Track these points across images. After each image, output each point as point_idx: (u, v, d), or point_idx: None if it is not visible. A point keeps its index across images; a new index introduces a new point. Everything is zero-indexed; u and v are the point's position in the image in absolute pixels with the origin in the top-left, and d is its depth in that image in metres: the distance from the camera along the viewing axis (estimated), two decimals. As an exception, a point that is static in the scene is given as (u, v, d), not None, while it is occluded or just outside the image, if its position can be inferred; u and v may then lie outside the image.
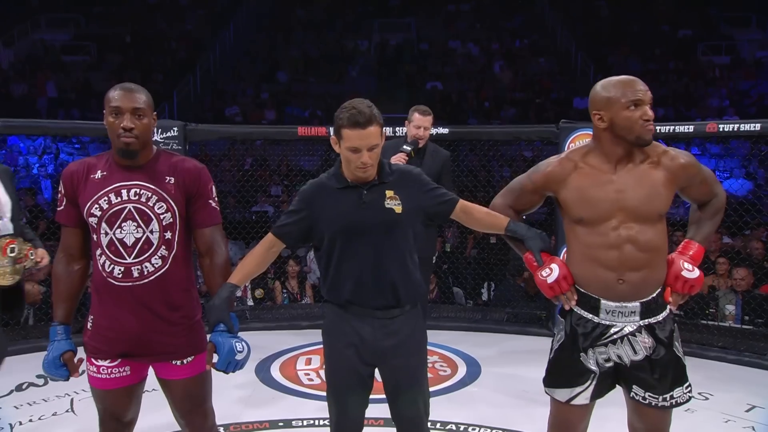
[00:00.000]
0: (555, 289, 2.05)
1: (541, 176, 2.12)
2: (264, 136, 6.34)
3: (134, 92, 1.98)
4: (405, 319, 2.13)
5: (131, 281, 1.98)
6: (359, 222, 2.06)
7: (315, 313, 5.42)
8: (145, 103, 1.99)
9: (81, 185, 2.01)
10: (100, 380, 2.04)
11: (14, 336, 4.76)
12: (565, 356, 2.09)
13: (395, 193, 2.08)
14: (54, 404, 3.62)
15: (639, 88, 1.98)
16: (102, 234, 1.98)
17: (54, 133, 5.02)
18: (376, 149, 2.02)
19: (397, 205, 2.07)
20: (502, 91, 14.00)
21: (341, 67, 15.14)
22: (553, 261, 2.08)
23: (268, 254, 2.17)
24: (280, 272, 5.93)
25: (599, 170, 2.03)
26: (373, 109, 2.00)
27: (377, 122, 2.00)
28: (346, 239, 2.07)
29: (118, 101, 1.96)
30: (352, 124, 1.97)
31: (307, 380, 4.08)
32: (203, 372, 2.12)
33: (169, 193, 2.01)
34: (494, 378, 4.10)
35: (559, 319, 2.15)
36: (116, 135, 1.96)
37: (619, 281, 1.99)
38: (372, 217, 2.06)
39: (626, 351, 2.02)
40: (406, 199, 2.09)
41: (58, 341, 2.03)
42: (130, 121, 1.95)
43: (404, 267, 2.10)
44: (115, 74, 12.59)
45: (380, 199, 2.07)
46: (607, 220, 1.99)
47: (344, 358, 2.12)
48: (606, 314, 2.02)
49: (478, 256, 6.10)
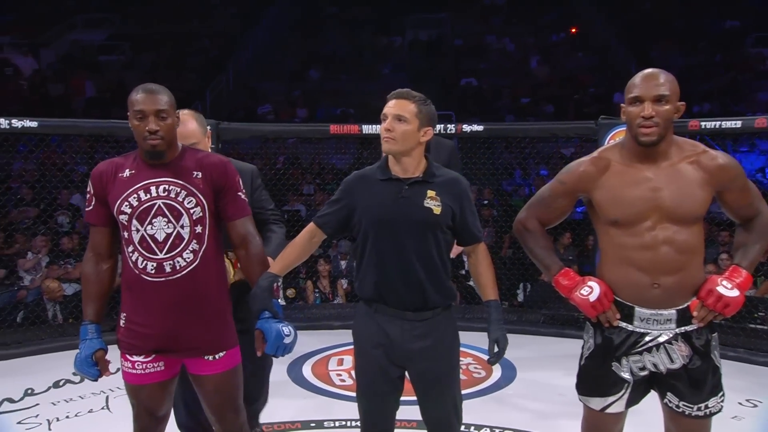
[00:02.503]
0: (597, 308, 1.98)
1: (574, 176, 2.07)
2: (296, 135, 6.41)
3: (156, 94, 2.02)
4: (435, 322, 2.12)
5: (164, 276, 2.02)
6: (394, 215, 2.07)
7: (347, 314, 5.45)
8: (168, 104, 2.03)
9: (110, 184, 2.06)
10: (134, 375, 2.09)
11: (51, 333, 4.92)
12: (595, 365, 2.05)
13: (437, 194, 2.09)
14: (90, 401, 3.73)
15: (643, 82, 1.91)
16: (133, 231, 2.02)
17: (89, 133, 5.14)
18: (403, 124, 2.06)
19: (437, 206, 2.08)
20: (539, 87, 13.82)
21: (373, 64, 15.15)
22: (589, 279, 2.02)
23: (310, 244, 2.20)
24: (311, 272, 5.98)
25: (634, 168, 1.98)
26: (414, 93, 2.12)
27: (413, 101, 2.09)
28: (378, 231, 2.09)
29: (141, 104, 2.00)
30: (390, 95, 2.13)
31: (339, 381, 4.11)
32: (234, 367, 2.16)
33: (197, 188, 2.06)
34: (529, 382, 4.06)
35: (588, 326, 2.10)
36: (142, 138, 2.02)
37: (653, 286, 1.94)
38: (408, 212, 2.07)
39: (662, 359, 1.97)
40: (447, 204, 2.10)
41: (89, 340, 2.08)
42: (154, 124, 1.99)
43: (434, 269, 2.10)
44: (148, 73, 12.86)
45: (420, 196, 2.09)
46: (642, 221, 1.94)
47: (373, 359, 2.13)
48: (640, 322, 1.97)
49: (513, 256, 6.05)
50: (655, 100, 1.90)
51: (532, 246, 2.15)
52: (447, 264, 2.15)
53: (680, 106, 1.95)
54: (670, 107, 1.91)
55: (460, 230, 2.16)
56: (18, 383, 3.98)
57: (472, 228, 2.17)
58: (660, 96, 1.90)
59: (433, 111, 2.15)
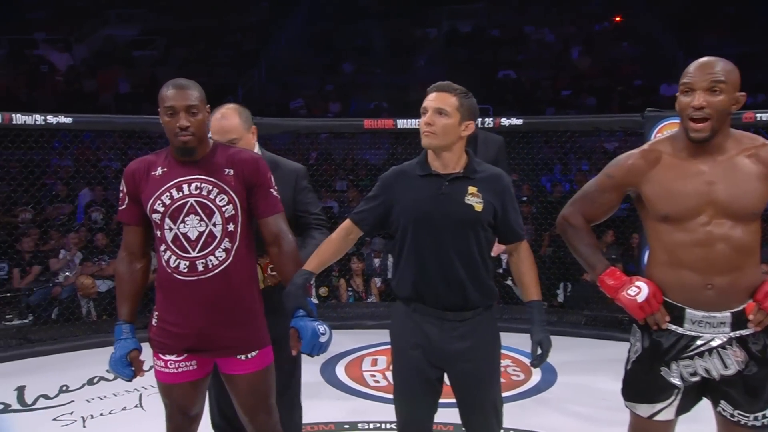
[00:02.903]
0: (645, 309, 1.92)
1: (622, 170, 2.01)
2: (329, 130, 6.43)
3: (186, 89, 2.04)
4: (476, 322, 2.10)
5: (196, 275, 2.04)
6: (434, 212, 2.06)
7: (381, 313, 5.46)
8: (198, 99, 2.04)
9: (143, 183, 2.09)
10: (167, 374, 2.12)
11: (85, 330, 5.05)
12: (643, 370, 2.00)
13: (478, 191, 2.07)
14: (123, 399, 3.81)
15: (696, 70, 1.83)
16: (166, 229, 2.05)
17: (122, 129, 5.25)
18: (443, 117, 2.05)
19: (478, 203, 2.06)
20: (581, 79, 13.61)
21: (408, 56, 15.12)
22: (637, 278, 1.96)
23: (345, 241, 2.20)
24: (344, 270, 5.99)
25: (686, 161, 1.91)
26: (455, 85, 2.11)
27: (454, 93, 2.07)
28: (418, 229, 2.08)
29: (172, 100, 2.01)
30: (430, 88, 2.11)
31: (373, 382, 4.12)
32: (267, 367, 2.17)
33: (229, 185, 2.07)
34: (571, 385, 4.01)
35: (635, 329, 2.05)
36: (173, 134, 2.04)
37: (707, 286, 1.87)
38: (448, 209, 2.06)
39: (715, 365, 1.90)
40: (488, 201, 2.08)
41: (124, 340, 2.11)
42: (185, 120, 2.01)
43: (474, 267, 2.08)
44: (181, 68, 13.08)
45: (461, 193, 2.07)
46: (695, 216, 1.87)
47: (410, 360, 2.12)
48: (691, 324, 1.91)
49: (553, 255, 5.97)
50: (708, 90, 1.82)
51: (576, 243, 2.11)
52: (488, 263, 2.13)
53: (739, 97, 1.86)
54: (724, 98, 1.83)
55: (502, 228, 2.14)
56: (53, 380, 4.10)
57: (514, 226, 2.15)
58: (713, 85, 1.82)
59: (475, 104, 2.13)
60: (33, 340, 4.85)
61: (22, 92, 12.79)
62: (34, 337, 4.88)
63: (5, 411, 3.70)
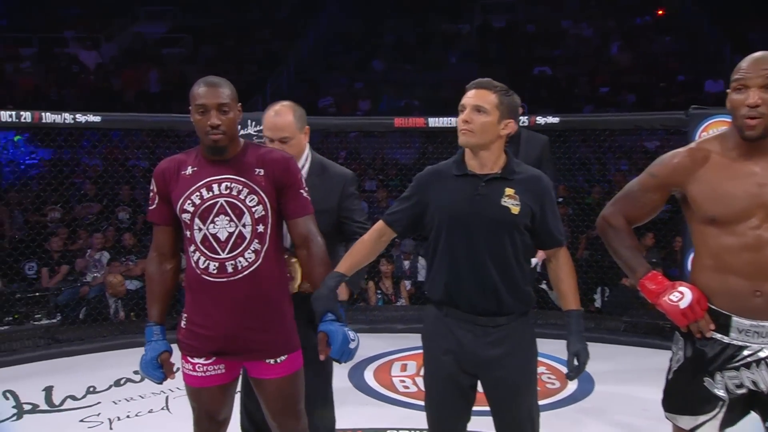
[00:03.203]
0: (689, 316, 1.87)
1: (667, 168, 1.97)
2: (358, 128, 6.44)
3: (218, 87, 2.05)
4: (510, 328, 2.08)
5: (225, 277, 2.06)
6: (469, 213, 2.05)
7: (410, 316, 5.45)
8: (230, 97, 2.06)
9: (172, 182, 2.11)
10: (195, 378, 2.14)
11: (112, 331, 5.14)
12: (685, 380, 1.95)
13: (516, 193, 2.06)
14: (150, 401, 3.87)
15: (750, 66, 1.78)
16: (195, 230, 2.07)
17: (150, 128, 5.34)
18: (482, 115, 2.04)
19: (515, 205, 2.04)
20: (620, 75, 13.40)
21: (440, 53, 15.06)
22: (680, 284, 1.92)
23: (378, 243, 2.20)
24: (373, 272, 6.00)
25: (737, 161, 1.86)
26: (495, 82, 2.10)
27: (493, 91, 2.06)
28: (451, 230, 2.07)
29: (203, 98, 2.03)
30: (470, 85, 2.13)
31: (403, 387, 4.11)
32: (296, 372, 2.18)
33: (259, 185, 2.09)
34: (609, 394, 3.95)
35: (678, 336, 2.00)
36: (204, 133, 2.05)
37: (755, 293, 1.81)
38: (484, 210, 2.04)
39: (763, 377, 1.85)
40: (525, 203, 2.06)
41: (155, 342, 2.14)
42: (216, 118, 2.02)
43: (509, 272, 2.06)
44: (209, 66, 13.24)
45: (497, 194, 2.06)
46: (745, 219, 1.82)
47: (442, 366, 2.11)
48: (738, 333, 1.85)
49: (590, 258, 5.89)
50: (763, 87, 1.77)
51: (616, 245, 2.07)
52: (524, 267, 2.11)
53: None
54: None
55: (540, 232, 2.11)
56: (80, 380, 4.18)
57: (552, 230, 2.12)
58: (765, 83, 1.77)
59: (516, 103, 2.12)
60: (61, 340, 4.96)
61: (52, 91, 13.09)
62: (62, 337, 4.99)
63: (33, 411, 3.79)
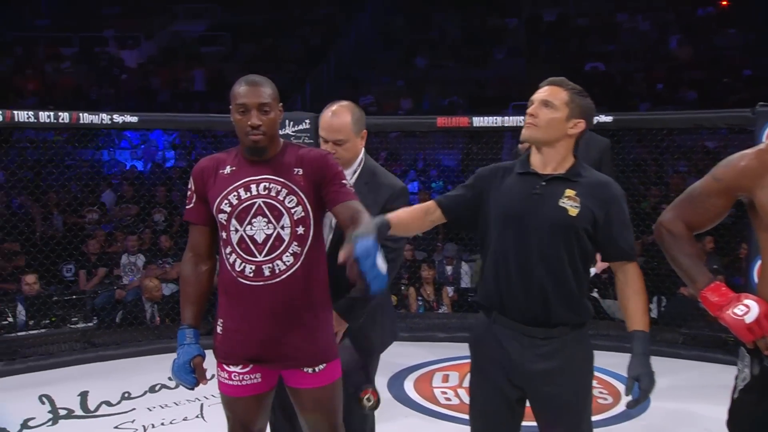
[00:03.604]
0: (755, 331, 1.78)
1: (734, 172, 1.88)
2: (399, 128, 6.43)
3: (259, 86, 2.06)
4: (563, 342, 2.02)
5: (262, 280, 2.05)
6: (522, 212, 2.01)
7: (452, 324, 5.41)
8: (271, 97, 2.06)
9: (210, 181, 2.12)
10: (230, 387, 2.13)
11: (148, 335, 5.24)
12: (752, 401, 1.86)
13: (577, 195, 2.01)
14: (185, 409, 3.92)
15: None
16: (232, 231, 2.07)
17: (187, 128, 5.44)
18: (549, 110, 2.02)
19: (574, 207, 1.99)
20: (679, 71, 13.10)
21: (486, 48, 14.97)
22: (745, 296, 1.83)
23: (422, 220, 2.16)
24: (414, 278, 5.97)
25: None
26: (570, 82, 2.10)
27: (566, 88, 2.05)
28: (504, 229, 2.04)
29: (244, 97, 2.03)
30: (543, 82, 2.12)
31: (444, 399, 4.08)
32: (335, 382, 2.16)
33: (298, 185, 2.07)
34: (667, 412, 3.83)
35: (743, 353, 1.91)
36: (244, 133, 2.06)
37: None
38: (539, 210, 2.00)
39: None
40: (587, 207, 2.00)
41: (187, 345, 2.13)
42: (257, 118, 2.03)
43: (562, 278, 2.00)
44: (248, 65, 13.43)
45: (556, 194, 2.01)
46: None
47: (488, 377, 2.07)
48: None
49: (645, 266, 5.74)
50: None
51: (675, 253, 1.99)
52: (581, 276, 2.04)
53: None
54: None
55: (604, 242, 2.03)
56: (115, 386, 4.26)
57: (619, 241, 2.03)
58: None
59: (590, 105, 2.08)
60: (97, 344, 5.07)
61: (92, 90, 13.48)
62: (98, 341, 5.10)
63: (69, 417, 3.87)
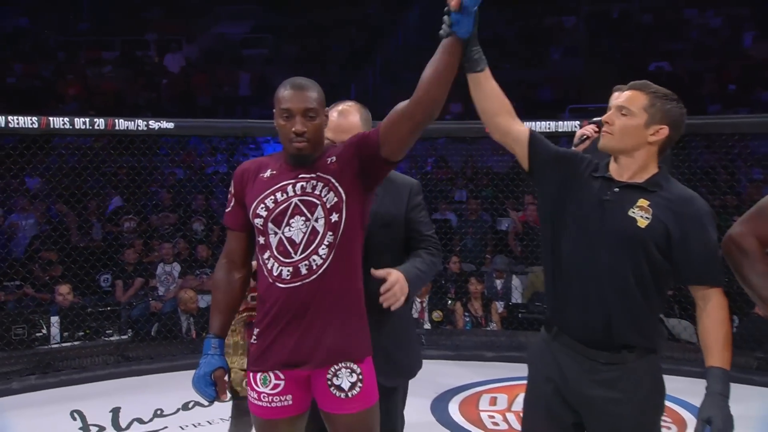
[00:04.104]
0: None
1: None
2: (446, 134, 6.38)
3: (305, 90, 2.06)
4: (628, 369, 1.93)
5: (299, 280, 2.04)
6: (589, 218, 1.96)
7: (502, 343, 5.33)
8: (317, 101, 2.06)
9: (249, 184, 2.14)
10: (259, 408, 2.13)
11: (182, 349, 5.29)
12: None
13: (650, 206, 1.93)
14: (217, 428, 3.94)
15: None
16: (270, 234, 2.07)
17: (225, 134, 5.50)
18: (624, 117, 1.97)
19: (644, 218, 1.92)
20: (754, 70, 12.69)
21: (541, 48, 14.79)
22: None
23: (510, 118, 2.13)
24: (461, 292, 5.90)
25: None
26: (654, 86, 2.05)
27: (646, 92, 2.00)
28: (567, 235, 1.99)
29: (289, 102, 2.04)
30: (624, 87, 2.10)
31: (492, 424, 4.01)
32: (371, 408, 2.13)
33: (331, 172, 2.07)
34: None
35: None
36: (288, 139, 2.06)
37: None
38: (605, 220, 1.94)
39: None
40: (660, 220, 1.91)
41: (211, 356, 2.12)
42: (301, 125, 2.03)
43: (629, 297, 1.92)
44: (291, 67, 13.58)
45: (628, 203, 1.95)
46: None
47: (542, 396, 2.03)
48: None
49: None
50: None
51: (746, 271, 1.90)
52: (652, 294, 1.95)
53: None
54: None
55: (679, 261, 1.93)
56: (148, 402, 4.32)
57: (697, 263, 1.92)
58: None
59: (676, 110, 2.00)
60: (131, 357, 5.16)
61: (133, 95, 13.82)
62: (131, 355, 5.19)
63: (99, 434, 3.94)
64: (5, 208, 6.88)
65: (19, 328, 4.92)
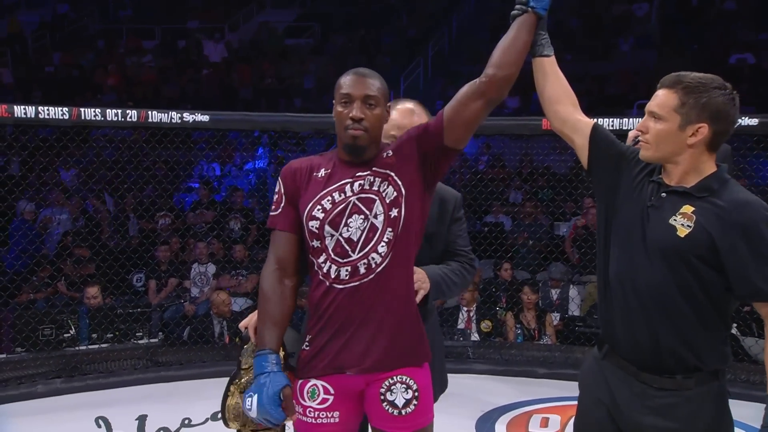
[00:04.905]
0: None
1: None
2: (502, 131, 6.30)
3: (367, 78, 2.10)
4: (685, 397, 1.86)
5: (358, 279, 2.06)
6: (633, 225, 1.91)
7: (556, 358, 5.25)
8: (379, 91, 2.09)
9: (303, 184, 2.15)
10: (304, 424, 2.12)
11: (214, 355, 5.34)
12: None
13: (695, 212, 1.85)
14: (246, 440, 3.94)
15: None
16: (326, 237, 2.08)
17: (262, 128, 5.53)
18: (657, 123, 1.90)
19: (684, 227, 1.85)
20: None
21: (609, 39, 14.55)
22: None
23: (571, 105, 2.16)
24: (513, 301, 5.81)
25: None
26: (687, 77, 1.94)
27: (676, 90, 1.91)
28: (612, 242, 1.95)
29: (349, 87, 2.07)
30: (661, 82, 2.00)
31: (542, 448, 3.94)
32: (425, 428, 2.12)
33: (392, 168, 2.08)
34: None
35: None
36: (343, 127, 2.07)
37: None
38: (647, 226, 1.89)
39: None
40: (703, 229, 1.83)
41: (274, 373, 2.00)
42: (359, 111, 2.05)
43: (676, 317, 1.85)
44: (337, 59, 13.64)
45: (671, 209, 1.88)
46: None
47: (592, 419, 2.00)
48: None
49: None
50: None
51: None
52: (707, 312, 1.86)
53: None
54: None
55: (732, 275, 1.83)
56: (176, 410, 4.38)
57: (749, 275, 1.81)
58: None
59: (717, 101, 1.89)
60: (160, 362, 5.23)
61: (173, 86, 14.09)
62: (161, 360, 5.26)
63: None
64: (37, 201, 7.06)
65: (47, 328, 5.03)
